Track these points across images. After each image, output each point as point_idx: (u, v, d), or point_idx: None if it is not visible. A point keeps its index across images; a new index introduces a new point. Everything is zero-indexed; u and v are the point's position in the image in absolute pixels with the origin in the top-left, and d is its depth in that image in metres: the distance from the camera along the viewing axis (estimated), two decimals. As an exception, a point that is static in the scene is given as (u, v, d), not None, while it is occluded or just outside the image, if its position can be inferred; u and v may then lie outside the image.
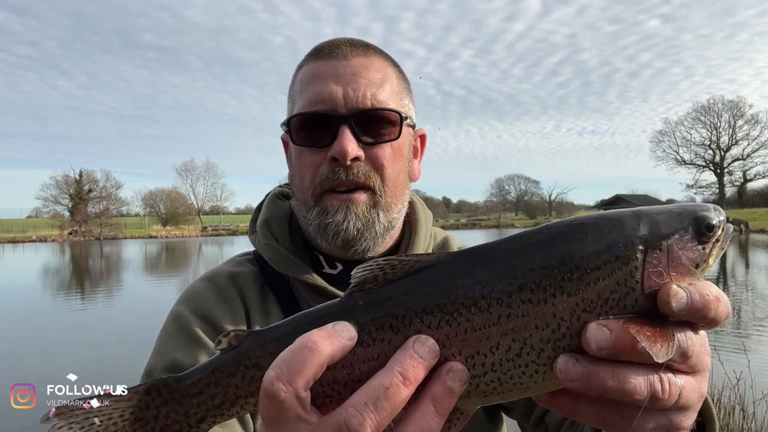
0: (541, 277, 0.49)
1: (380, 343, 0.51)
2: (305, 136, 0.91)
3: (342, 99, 0.88)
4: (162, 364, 0.86)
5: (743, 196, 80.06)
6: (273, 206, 1.05)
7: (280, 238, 0.99)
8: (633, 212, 0.52)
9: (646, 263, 0.49)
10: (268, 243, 0.98)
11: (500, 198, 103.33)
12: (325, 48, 0.94)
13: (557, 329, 0.49)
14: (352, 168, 0.88)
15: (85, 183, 71.42)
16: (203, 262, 30.09)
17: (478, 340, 0.50)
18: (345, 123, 0.88)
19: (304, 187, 0.93)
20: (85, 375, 7.71)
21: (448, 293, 0.51)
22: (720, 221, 0.53)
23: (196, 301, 0.93)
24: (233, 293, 0.94)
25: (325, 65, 0.91)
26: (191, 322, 0.90)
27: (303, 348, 0.47)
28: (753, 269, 19.94)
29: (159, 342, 0.92)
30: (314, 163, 0.91)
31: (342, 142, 0.86)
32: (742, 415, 4.01)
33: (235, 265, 1.01)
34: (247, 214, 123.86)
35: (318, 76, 0.91)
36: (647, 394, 0.48)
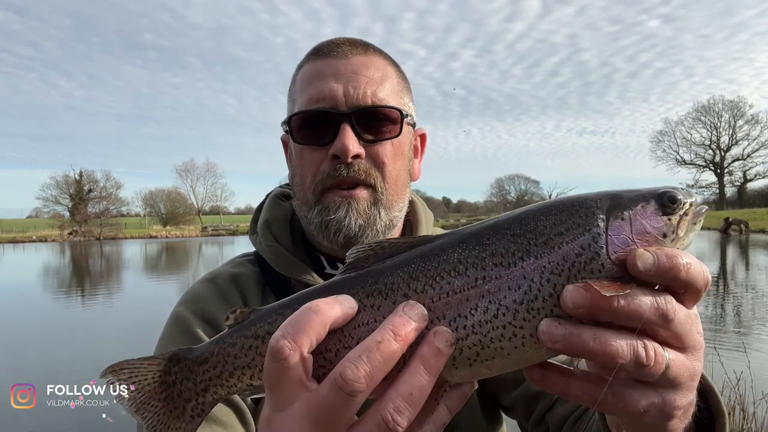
0: (510, 243, 0.54)
1: (370, 309, 0.55)
2: (306, 135, 0.91)
3: (342, 97, 0.88)
4: None
5: (743, 196, 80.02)
6: (274, 207, 1.05)
7: (281, 239, 0.99)
8: (599, 192, 0.56)
9: (610, 230, 0.53)
10: (270, 244, 0.98)
11: (500, 198, 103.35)
12: (325, 47, 0.94)
13: (529, 291, 0.52)
14: (353, 165, 0.89)
15: (85, 183, 71.42)
16: (203, 262, 30.08)
17: (459, 302, 0.54)
18: (346, 120, 0.88)
19: (305, 186, 0.93)
20: (86, 374, 7.71)
21: (431, 261, 0.56)
22: (686, 196, 0.56)
23: (197, 303, 0.93)
24: (234, 294, 0.94)
25: (325, 64, 0.91)
26: (192, 324, 0.90)
27: (307, 311, 0.50)
28: (753, 269, 19.94)
29: (161, 343, 0.92)
30: (315, 161, 0.91)
31: (343, 139, 0.86)
32: (742, 415, 4.01)
33: (236, 266, 1.01)
34: (247, 214, 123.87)
35: (318, 75, 0.91)
36: (630, 358, 0.49)
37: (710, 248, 31.15)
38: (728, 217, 49.99)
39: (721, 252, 28.54)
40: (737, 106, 79.70)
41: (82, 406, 1.41)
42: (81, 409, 1.48)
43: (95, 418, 1.28)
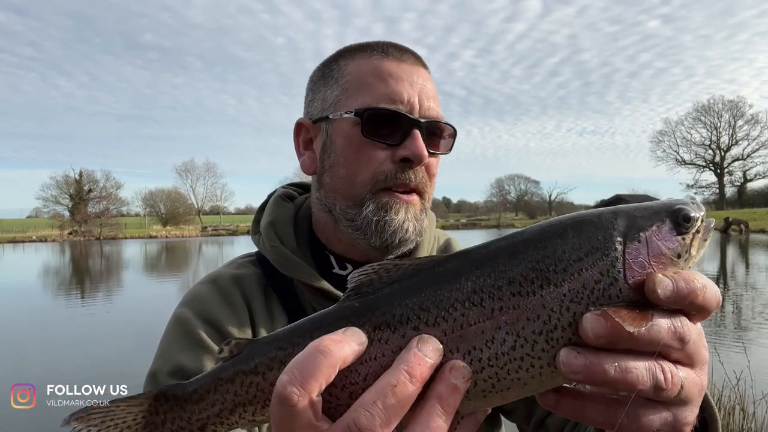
0: (528, 270, 0.51)
1: (378, 343, 0.52)
2: (376, 130, 0.90)
3: (417, 104, 0.90)
4: (167, 368, 0.85)
5: (743, 196, 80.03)
6: (278, 208, 1.04)
7: (285, 240, 0.98)
8: (611, 209, 0.55)
9: (626, 253, 0.52)
10: (274, 245, 0.97)
11: (500, 198, 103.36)
12: (393, 50, 0.95)
13: (548, 320, 0.50)
14: (418, 172, 0.91)
15: (85, 183, 71.44)
16: (203, 262, 30.09)
17: (473, 335, 0.51)
18: (418, 128, 0.89)
19: (356, 182, 0.91)
20: (86, 375, 7.70)
21: (442, 290, 0.52)
22: (698, 214, 0.55)
23: (200, 304, 0.92)
24: (237, 296, 0.93)
25: (398, 67, 0.92)
26: (195, 326, 0.89)
27: (316, 352, 0.47)
28: (753, 269, 19.95)
29: (163, 345, 0.91)
30: (377, 160, 0.90)
31: (420, 144, 0.88)
32: (742, 415, 4.01)
33: (238, 267, 1.00)
34: (247, 214, 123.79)
35: (393, 76, 0.91)
36: (650, 384, 0.48)
37: (710, 248, 31.12)
38: (728, 217, 49.95)
39: (721, 252, 28.54)
40: (737, 106, 79.76)
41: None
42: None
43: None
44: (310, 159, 0.99)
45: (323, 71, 0.98)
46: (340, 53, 0.98)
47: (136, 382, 3.95)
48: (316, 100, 0.97)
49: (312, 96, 0.99)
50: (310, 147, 1.00)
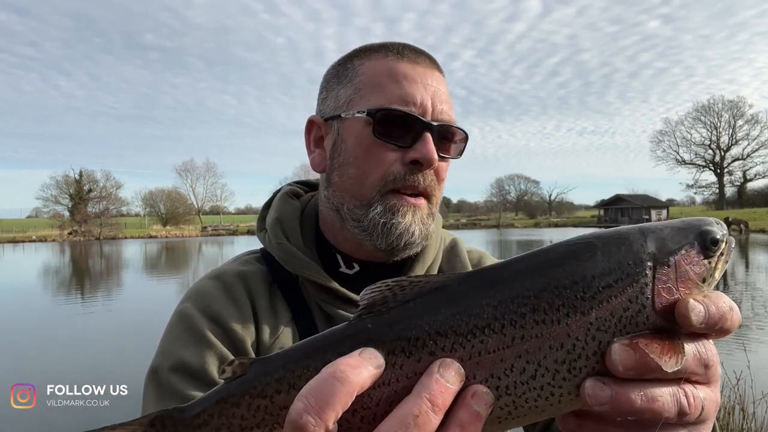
0: (554, 297, 0.50)
1: (391, 368, 0.49)
2: (387, 132, 0.89)
3: (430, 108, 0.90)
4: (168, 363, 0.85)
5: (743, 196, 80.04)
6: (284, 205, 1.04)
7: (291, 237, 0.98)
8: (639, 229, 0.53)
9: (656, 279, 0.51)
10: (280, 242, 0.97)
11: (500, 198, 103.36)
12: (408, 51, 0.94)
13: (572, 350, 0.49)
14: (427, 176, 0.90)
15: (85, 183, 71.41)
16: (203, 261, 30.10)
17: (492, 362, 0.49)
18: (430, 131, 0.89)
19: (365, 183, 0.91)
20: (86, 375, 7.70)
21: (461, 314, 0.50)
22: (723, 235, 0.55)
23: (204, 300, 0.92)
24: (241, 292, 0.93)
25: (413, 69, 0.92)
26: (198, 322, 0.88)
27: (332, 378, 0.45)
28: (753, 269, 19.94)
29: (165, 340, 0.91)
30: (388, 161, 0.90)
31: (430, 147, 0.88)
32: (742, 415, 4.01)
33: (243, 263, 1.00)
34: (247, 214, 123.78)
35: (407, 78, 0.91)
36: (675, 411, 0.48)
37: (710, 248, 31.12)
38: (728, 217, 49.94)
39: (721, 252, 28.50)
40: (737, 106, 79.80)
41: (82, 406, 1.40)
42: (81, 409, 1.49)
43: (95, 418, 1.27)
44: (320, 157, 0.99)
45: (338, 69, 0.98)
46: (355, 52, 0.98)
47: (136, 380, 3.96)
48: (330, 98, 0.97)
49: (326, 94, 0.99)
50: (320, 145, 0.99)
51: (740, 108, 79.60)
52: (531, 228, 71.68)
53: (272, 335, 0.88)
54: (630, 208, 72.49)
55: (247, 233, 66.51)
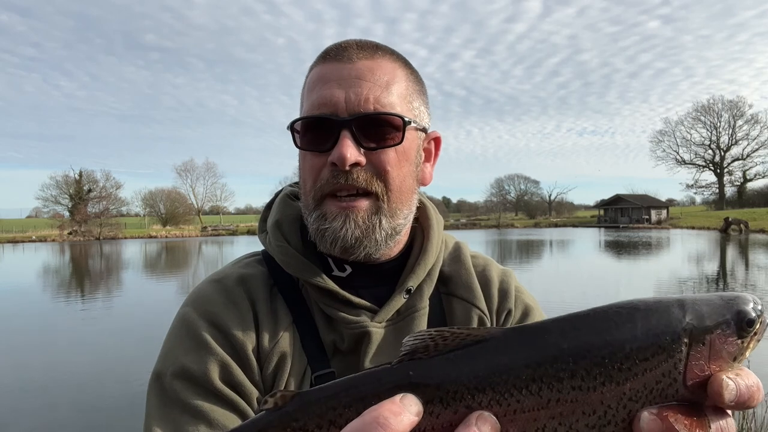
0: (593, 365, 0.51)
1: (428, 416, 0.51)
2: (308, 140, 0.91)
3: (344, 103, 0.87)
4: (171, 369, 0.86)
5: (743, 196, 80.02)
6: (284, 207, 1.04)
7: (291, 240, 0.98)
8: (678, 302, 0.55)
9: (690, 356, 0.53)
10: (280, 245, 0.97)
11: (500, 198, 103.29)
12: (333, 51, 0.94)
13: (603, 416, 0.51)
14: (352, 173, 0.87)
15: (85, 183, 71.31)
16: (203, 261, 30.09)
17: (525, 421, 0.51)
18: (346, 127, 0.87)
19: (306, 190, 0.93)
20: (86, 375, 7.70)
21: (500, 372, 0.52)
22: (759, 315, 0.56)
23: (205, 305, 0.92)
24: (242, 296, 0.93)
25: (330, 68, 0.91)
26: (199, 327, 0.89)
27: (375, 423, 0.47)
28: (753, 269, 19.95)
29: (167, 344, 0.91)
30: (316, 167, 0.90)
31: (341, 147, 0.85)
32: (743, 414, 4.01)
33: (244, 266, 1.00)
34: (247, 214, 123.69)
35: (323, 80, 0.90)
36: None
37: (710, 248, 31.16)
38: (728, 217, 50.01)
39: (721, 252, 28.55)
40: (737, 106, 79.76)
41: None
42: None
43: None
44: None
45: (304, 82, 1.00)
46: (310, 66, 0.99)
47: (136, 381, 3.96)
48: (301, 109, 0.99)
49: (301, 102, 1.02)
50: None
51: (740, 108, 79.61)
52: (531, 228, 71.70)
53: (272, 340, 0.88)
54: (630, 208, 72.51)
55: (246, 233, 66.51)
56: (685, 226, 59.88)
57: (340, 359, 0.89)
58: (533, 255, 28.92)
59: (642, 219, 69.91)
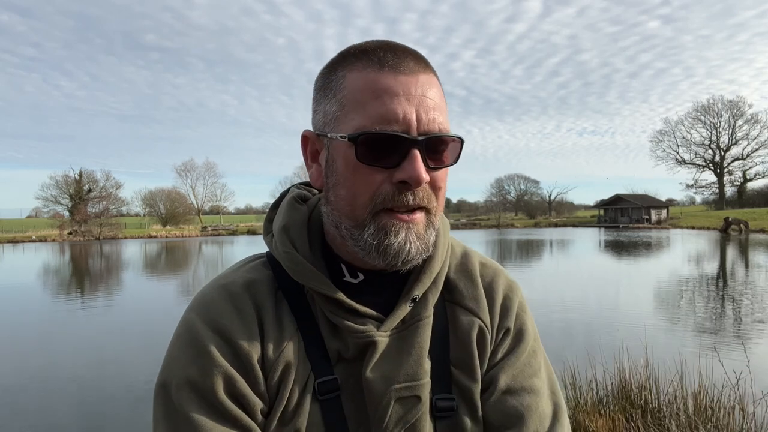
0: None
1: None
2: (372, 155, 0.87)
3: (415, 122, 0.86)
4: (175, 379, 0.85)
5: (743, 196, 80.00)
6: (292, 211, 1.02)
7: (299, 246, 0.96)
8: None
9: None
10: (287, 251, 0.95)
11: (500, 198, 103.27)
12: (389, 58, 0.90)
13: None
14: (418, 192, 0.87)
15: (84, 183, 71.30)
16: (203, 261, 30.07)
17: None
18: (417, 147, 0.86)
19: (356, 204, 0.89)
20: (87, 374, 7.70)
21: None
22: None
23: (209, 312, 0.90)
24: (248, 304, 0.92)
25: (395, 80, 0.88)
26: (203, 335, 0.88)
27: None
28: (753, 269, 19.94)
29: (171, 351, 0.90)
30: (375, 182, 0.87)
31: (416, 168, 0.85)
32: (743, 415, 4.01)
33: (250, 270, 0.98)
34: (247, 214, 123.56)
35: (389, 92, 0.87)
36: None
37: (710, 248, 31.16)
38: (728, 217, 49.99)
39: (721, 252, 28.55)
40: (737, 106, 79.70)
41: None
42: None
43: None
44: (317, 172, 0.97)
45: (324, 80, 0.96)
46: (339, 59, 0.95)
47: (136, 381, 3.97)
48: (319, 112, 0.95)
49: (316, 106, 0.97)
50: (317, 159, 0.97)
51: (740, 108, 79.55)
52: (531, 228, 71.70)
53: (277, 349, 0.88)
54: (630, 208, 72.47)
55: (246, 233, 66.50)
56: (685, 226, 59.84)
57: (343, 366, 0.88)
58: (533, 255, 28.91)
59: (642, 219, 69.90)
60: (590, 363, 5.06)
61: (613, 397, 4.67)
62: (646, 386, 4.54)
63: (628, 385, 4.66)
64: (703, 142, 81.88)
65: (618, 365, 4.90)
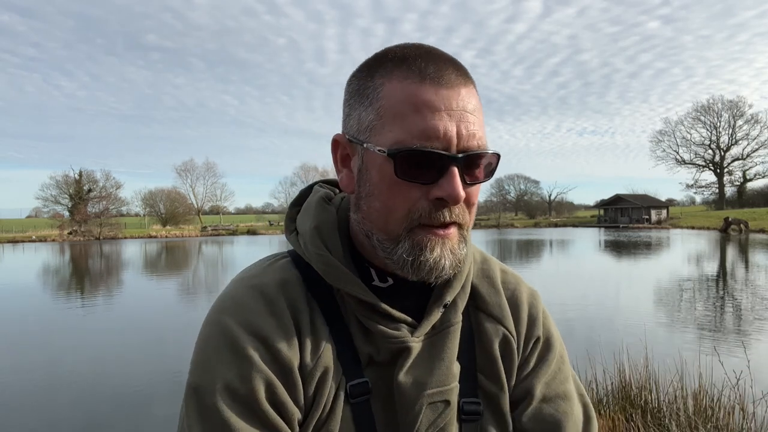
0: None
1: None
2: (409, 171, 0.85)
3: (455, 138, 0.84)
4: (212, 383, 0.82)
5: (743, 196, 79.99)
6: (322, 212, 0.99)
7: (332, 249, 0.94)
8: None
9: None
10: (320, 253, 0.93)
11: (500, 198, 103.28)
12: (431, 69, 0.88)
13: None
14: (454, 208, 0.86)
15: (84, 183, 71.30)
16: (203, 261, 30.06)
17: None
18: (456, 164, 0.84)
19: (391, 219, 0.88)
20: (87, 374, 7.71)
21: None
22: None
23: (244, 314, 0.87)
24: (284, 306, 0.89)
25: (436, 94, 0.86)
26: (241, 338, 0.84)
27: None
28: (753, 269, 19.94)
29: (203, 354, 0.86)
30: (412, 198, 0.86)
31: (455, 185, 0.83)
32: (742, 414, 4.01)
33: (281, 270, 0.95)
34: (247, 213, 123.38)
35: (430, 106, 0.85)
36: None
37: (710, 248, 31.16)
38: (728, 217, 49.99)
39: (721, 252, 28.55)
40: (737, 106, 79.69)
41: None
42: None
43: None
44: (347, 178, 0.94)
45: (359, 84, 0.92)
46: (376, 64, 0.92)
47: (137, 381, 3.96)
48: (353, 117, 0.92)
49: (348, 111, 0.94)
50: (347, 164, 0.94)
51: (740, 108, 79.54)
52: (531, 228, 71.72)
53: (314, 355, 0.85)
54: (630, 208, 72.47)
55: (246, 233, 66.48)
56: (685, 226, 59.84)
57: (373, 370, 0.87)
58: (533, 255, 28.92)
59: (642, 219, 69.89)
60: (590, 363, 5.06)
61: (613, 397, 4.67)
62: (646, 386, 4.54)
63: (628, 385, 4.66)
64: (703, 142, 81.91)
65: (618, 365, 4.90)
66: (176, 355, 8.34)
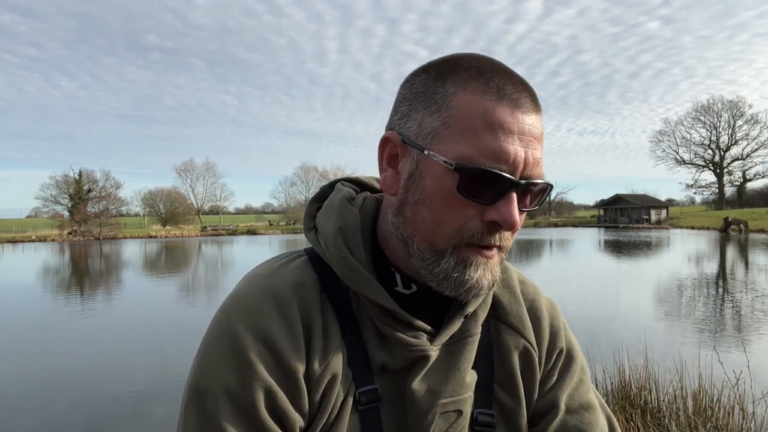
0: None
1: None
2: (472, 188, 0.83)
3: (522, 164, 0.83)
4: (212, 387, 0.81)
5: (743, 196, 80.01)
6: (347, 213, 0.96)
7: (355, 252, 0.91)
8: None
9: None
10: (343, 256, 0.90)
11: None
12: (509, 89, 0.85)
13: None
14: (504, 233, 0.85)
15: (84, 183, 71.29)
16: (203, 261, 30.05)
17: None
18: (516, 190, 0.83)
19: (439, 232, 0.85)
20: (87, 374, 7.70)
21: None
22: None
23: (253, 317, 0.85)
24: (295, 311, 0.86)
25: (512, 116, 0.83)
26: (246, 343, 0.82)
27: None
28: (753, 269, 19.95)
29: (207, 354, 0.84)
30: (466, 216, 0.84)
31: (513, 212, 0.82)
32: (742, 414, 4.00)
33: (296, 270, 0.92)
34: (247, 213, 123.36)
35: (505, 128, 0.83)
36: None
37: (710, 248, 31.16)
38: (728, 217, 50.00)
39: (721, 252, 28.55)
40: (737, 106, 79.70)
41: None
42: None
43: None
44: (392, 178, 0.91)
45: (426, 86, 0.88)
46: (449, 70, 0.88)
47: (137, 382, 3.97)
48: (412, 118, 0.88)
49: (408, 110, 0.89)
50: (394, 164, 0.91)
51: (740, 108, 79.56)
52: (531, 228, 71.70)
53: (323, 361, 0.83)
54: (630, 208, 72.47)
55: (246, 233, 66.48)
56: (685, 226, 59.85)
57: (384, 377, 0.85)
58: (533, 255, 28.91)
59: (642, 219, 69.90)
60: (590, 363, 5.06)
61: (612, 397, 4.67)
62: (645, 386, 4.54)
63: (628, 385, 4.66)
64: (702, 142, 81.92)
65: (618, 365, 4.91)
66: (176, 355, 8.35)
